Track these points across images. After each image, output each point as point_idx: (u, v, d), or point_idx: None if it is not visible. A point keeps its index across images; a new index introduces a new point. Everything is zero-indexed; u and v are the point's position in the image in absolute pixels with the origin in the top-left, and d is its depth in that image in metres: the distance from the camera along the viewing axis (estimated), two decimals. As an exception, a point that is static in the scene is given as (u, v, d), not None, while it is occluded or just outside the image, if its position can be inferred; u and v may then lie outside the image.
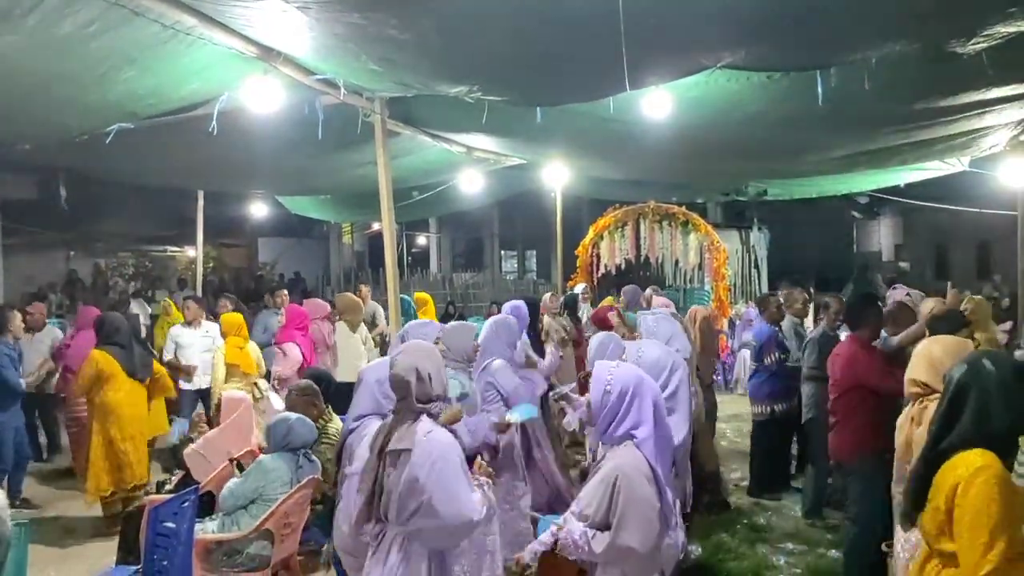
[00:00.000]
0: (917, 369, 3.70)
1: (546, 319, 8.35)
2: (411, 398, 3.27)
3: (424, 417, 3.26)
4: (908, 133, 7.66)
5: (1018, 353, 6.70)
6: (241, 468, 5.14)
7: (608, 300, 9.02)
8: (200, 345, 8.46)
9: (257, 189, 13.04)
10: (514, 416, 4.92)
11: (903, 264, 26.42)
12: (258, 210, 15.33)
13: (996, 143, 8.50)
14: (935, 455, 2.72)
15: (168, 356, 8.33)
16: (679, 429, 4.24)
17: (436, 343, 4.73)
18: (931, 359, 3.63)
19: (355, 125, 6.90)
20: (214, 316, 9.33)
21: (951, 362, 3.54)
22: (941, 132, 7.66)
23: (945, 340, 3.72)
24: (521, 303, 6.68)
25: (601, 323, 8.62)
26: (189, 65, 5.33)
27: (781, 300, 7.97)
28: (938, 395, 3.57)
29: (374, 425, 3.62)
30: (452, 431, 3.35)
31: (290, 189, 12.54)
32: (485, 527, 3.92)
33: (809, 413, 6.87)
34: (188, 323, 8.61)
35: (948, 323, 4.96)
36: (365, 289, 11.28)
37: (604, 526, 3.23)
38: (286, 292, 9.68)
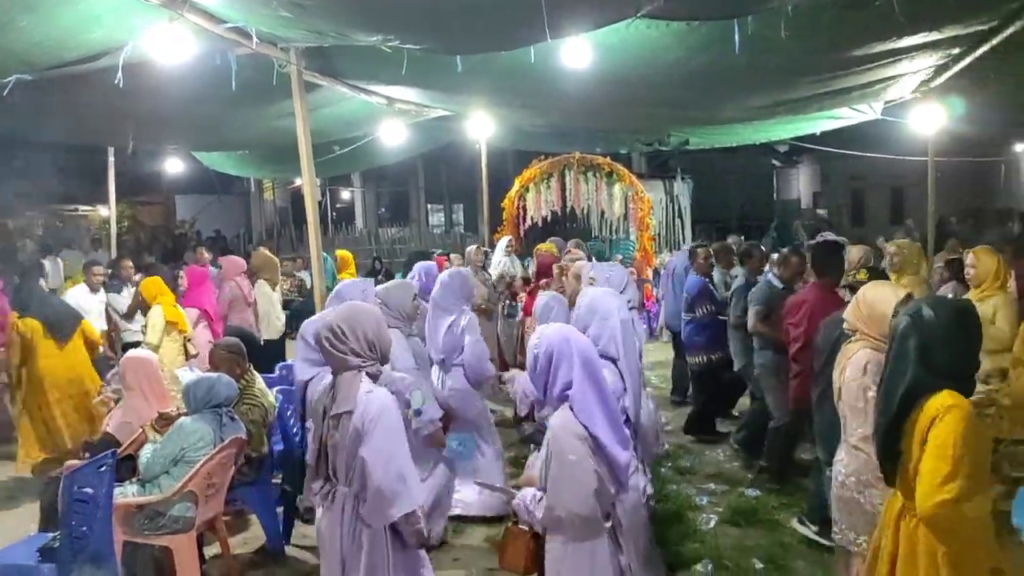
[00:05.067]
0: (847, 310, 3.83)
1: None
2: (347, 356, 3.27)
3: (364, 377, 3.27)
4: (824, 82, 7.79)
5: (943, 288, 6.89)
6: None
7: (548, 246, 9.12)
8: (98, 311, 8.19)
9: (170, 144, 12.58)
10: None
11: (821, 211, 27.14)
12: (174, 166, 14.83)
13: (908, 90, 8.72)
14: (897, 408, 2.76)
15: None
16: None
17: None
18: (858, 302, 3.75)
19: (270, 76, 6.68)
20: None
21: (867, 308, 3.67)
22: (856, 80, 7.80)
23: (876, 286, 3.82)
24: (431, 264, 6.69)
25: (548, 271, 8.66)
26: (89, 12, 5.06)
27: (711, 251, 8.10)
28: (860, 337, 3.71)
29: (329, 379, 3.55)
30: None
31: (205, 143, 12.14)
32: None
33: (740, 361, 7.00)
34: (91, 289, 8.27)
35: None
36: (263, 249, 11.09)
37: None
38: (204, 250, 9.40)
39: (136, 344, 7.81)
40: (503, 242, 11.28)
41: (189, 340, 7.66)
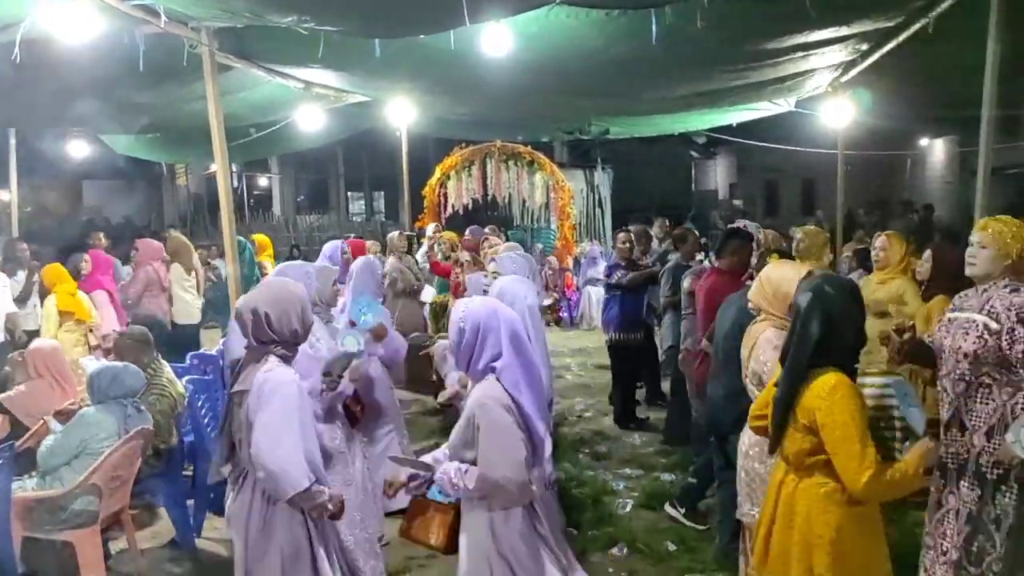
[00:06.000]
0: (752, 290, 3.89)
1: (390, 260, 8.21)
2: (251, 337, 3.23)
3: (271, 358, 3.22)
4: (739, 74, 7.94)
5: (850, 276, 7.09)
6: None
7: (449, 235, 9.19)
8: None
9: (75, 126, 12.03)
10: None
11: (736, 202, 27.77)
12: (80, 149, 14.17)
13: (819, 84, 8.96)
14: (796, 379, 2.92)
15: None
16: None
17: None
18: (762, 281, 3.81)
19: (181, 57, 6.45)
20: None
21: (771, 288, 3.75)
22: (770, 74, 7.98)
23: (779, 266, 3.89)
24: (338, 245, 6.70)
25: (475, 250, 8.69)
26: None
27: (633, 238, 8.19)
28: (764, 317, 3.79)
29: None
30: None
31: (113, 126, 11.64)
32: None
33: (668, 341, 7.09)
34: None
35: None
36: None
37: (474, 461, 3.18)
38: (101, 235, 9.11)
39: (36, 332, 7.52)
40: (430, 228, 11.33)
41: (91, 330, 7.38)
